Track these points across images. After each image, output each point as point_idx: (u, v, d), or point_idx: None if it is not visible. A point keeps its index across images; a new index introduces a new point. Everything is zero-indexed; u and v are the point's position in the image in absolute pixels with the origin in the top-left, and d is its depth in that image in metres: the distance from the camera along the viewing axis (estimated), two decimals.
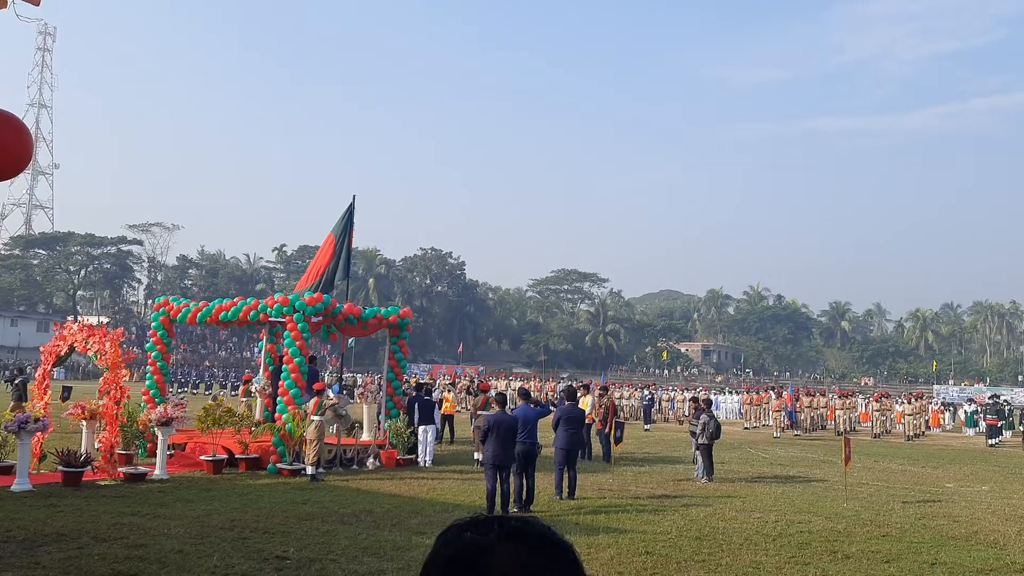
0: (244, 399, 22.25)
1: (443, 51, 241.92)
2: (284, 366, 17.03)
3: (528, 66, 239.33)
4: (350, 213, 20.00)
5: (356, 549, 9.31)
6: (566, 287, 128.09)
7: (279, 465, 15.54)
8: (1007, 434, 33.29)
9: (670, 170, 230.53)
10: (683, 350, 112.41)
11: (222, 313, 18.18)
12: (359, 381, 42.43)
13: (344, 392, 22.38)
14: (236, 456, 15.88)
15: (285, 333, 17.38)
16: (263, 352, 20.67)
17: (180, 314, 18.70)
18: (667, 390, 47.18)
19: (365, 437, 18.21)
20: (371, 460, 16.98)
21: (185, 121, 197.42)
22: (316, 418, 15.17)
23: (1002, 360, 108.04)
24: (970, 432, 38.36)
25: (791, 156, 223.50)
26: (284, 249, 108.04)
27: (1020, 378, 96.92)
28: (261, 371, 20.20)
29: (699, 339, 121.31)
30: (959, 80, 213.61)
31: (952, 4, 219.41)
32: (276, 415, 16.74)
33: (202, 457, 15.62)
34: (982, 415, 35.86)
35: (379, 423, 18.59)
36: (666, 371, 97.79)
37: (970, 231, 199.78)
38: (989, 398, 37.46)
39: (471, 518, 1.31)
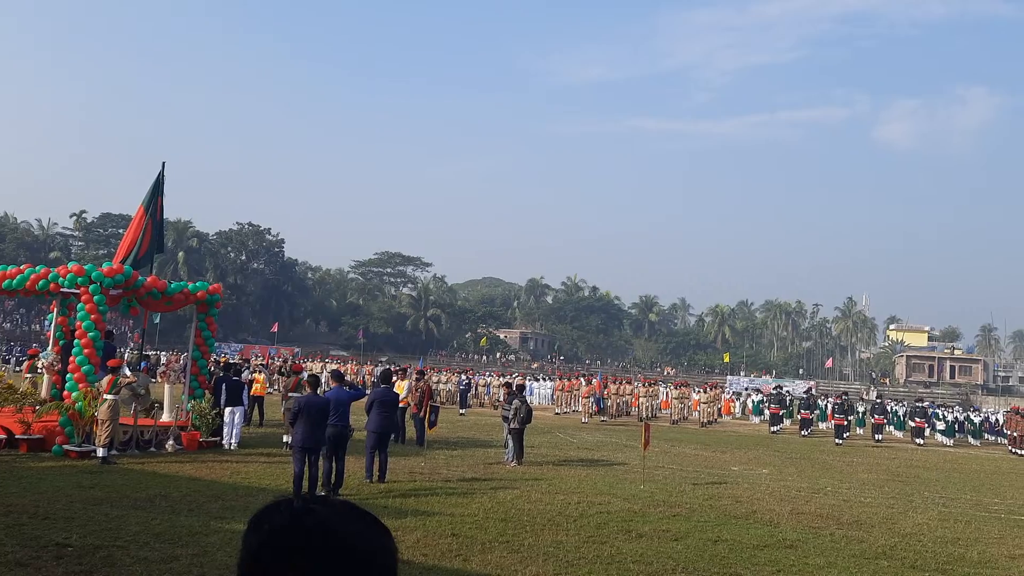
0: (29, 375, 20.49)
1: (269, 30, 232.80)
2: (76, 341, 15.81)
3: (359, 49, 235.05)
4: (158, 182, 18.77)
5: (148, 535, 8.81)
6: (389, 270, 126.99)
7: (66, 447, 14.43)
8: (787, 422, 36.46)
9: (497, 160, 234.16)
10: (502, 336, 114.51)
11: (6, 281, 16.61)
12: (162, 359, 40.22)
13: (146, 370, 21.11)
14: (16, 436, 14.60)
15: (79, 306, 16.13)
16: (53, 325, 19.10)
17: None
18: (484, 375, 47.98)
19: (165, 418, 17.26)
20: (171, 442, 16.11)
21: None
22: (110, 397, 14.20)
23: (787, 354, 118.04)
24: (756, 420, 41.69)
25: (612, 153, 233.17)
26: (84, 216, 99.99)
27: (801, 371, 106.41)
28: (50, 346, 18.67)
29: (518, 326, 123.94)
30: (769, 92, 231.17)
31: (766, 21, 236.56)
32: (65, 393, 15.51)
33: None
34: (767, 404, 39.05)
35: (182, 403, 17.66)
36: (485, 357, 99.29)
37: (767, 234, 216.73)
38: (773, 389, 40.83)
39: (313, 496, 1.37)
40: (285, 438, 16.87)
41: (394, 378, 17.28)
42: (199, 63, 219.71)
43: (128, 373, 16.58)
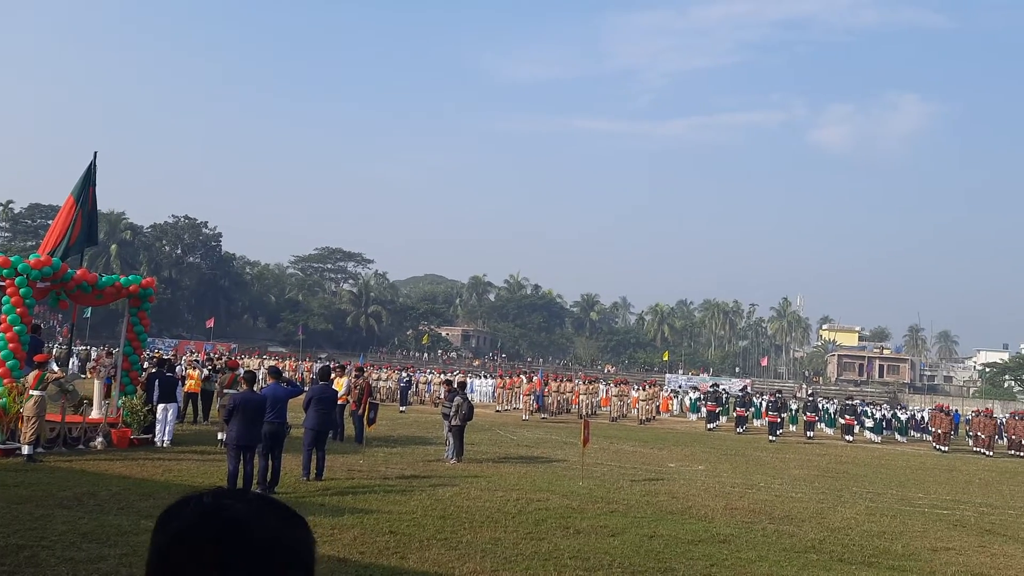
0: None
1: (208, 20, 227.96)
2: (1, 335, 15.25)
3: (304, 44, 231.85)
4: (89, 172, 18.21)
5: (74, 535, 8.56)
6: (329, 266, 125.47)
7: None
8: (723, 419, 37.16)
9: (441, 157, 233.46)
10: (444, 334, 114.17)
11: None
12: (92, 354, 39.16)
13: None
14: None
15: (4, 298, 15.55)
16: None
17: None
18: (425, 373, 47.82)
19: (95, 415, 16.78)
20: (100, 440, 15.66)
21: None
22: (36, 393, 13.75)
23: (724, 353, 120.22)
24: (693, 417, 42.37)
25: (556, 152, 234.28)
26: (11, 206, 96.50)
27: (737, 369, 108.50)
28: None
29: (460, 324, 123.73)
30: (708, 95, 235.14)
31: (707, 25, 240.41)
32: None
33: None
34: (704, 402, 39.72)
35: (113, 400, 17.19)
36: (426, 354, 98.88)
37: (706, 234, 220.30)
38: (710, 387, 41.56)
39: (225, 490, 1.26)
40: (220, 435, 16.54)
41: (333, 375, 17.11)
42: (135, 52, 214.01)
43: (55, 368, 16.08)
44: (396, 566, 8.40)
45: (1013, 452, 32.80)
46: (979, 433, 33.55)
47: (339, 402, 18.29)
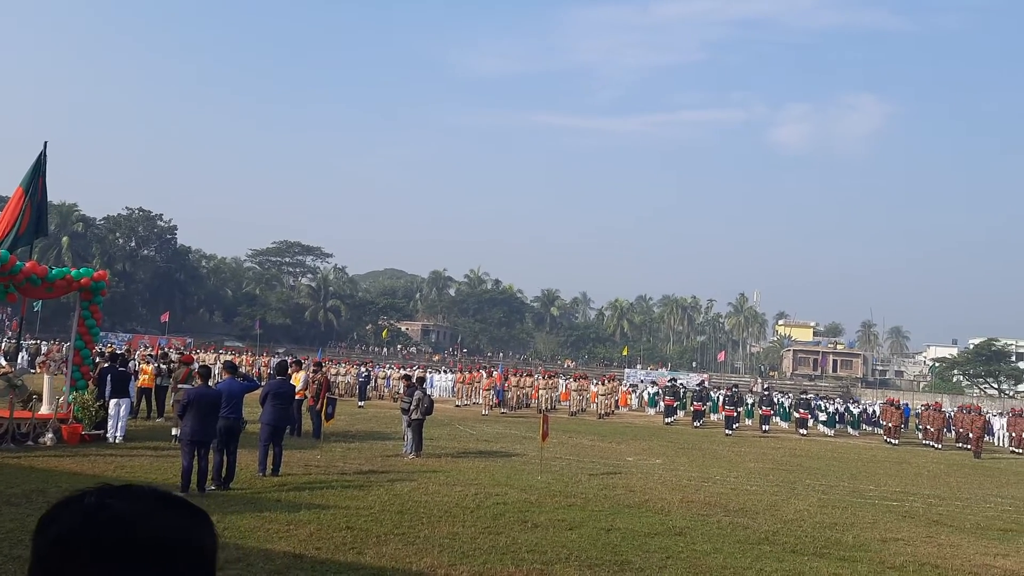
0: None
1: (166, 10, 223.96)
2: None
3: (261, 36, 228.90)
4: (39, 162, 17.78)
5: (22, 532, 8.38)
6: (288, 260, 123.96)
7: None
8: (681, 413, 37.54)
9: (401, 151, 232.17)
10: (404, 329, 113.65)
11: None
12: (43, 349, 38.38)
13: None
14: None
15: None
16: None
17: None
18: (384, 367, 47.60)
19: (44, 410, 16.41)
20: (49, 436, 15.33)
21: None
22: None
23: (682, 348, 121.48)
24: (651, 411, 42.73)
25: (517, 147, 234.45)
26: None
27: (695, 364, 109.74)
28: None
29: (420, 318, 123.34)
30: (670, 92, 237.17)
31: (669, 21, 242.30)
32: None
33: None
34: (662, 396, 40.08)
35: (63, 395, 16.83)
36: (386, 349, 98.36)
37: (664, 231, 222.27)
38: (668, 381, 41.96)
39: (111, 487, 1.18)
40: (174, 431, 16.30)
41: (290, 370, 16.94)
42: (89, 37, 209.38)
43: (3, 363, 15.70)
44: (353, 561, 8.37)
45: (960, 445, 33.64)
46: (928, 426, 34.32)
47: (297, 397, 18.15)
